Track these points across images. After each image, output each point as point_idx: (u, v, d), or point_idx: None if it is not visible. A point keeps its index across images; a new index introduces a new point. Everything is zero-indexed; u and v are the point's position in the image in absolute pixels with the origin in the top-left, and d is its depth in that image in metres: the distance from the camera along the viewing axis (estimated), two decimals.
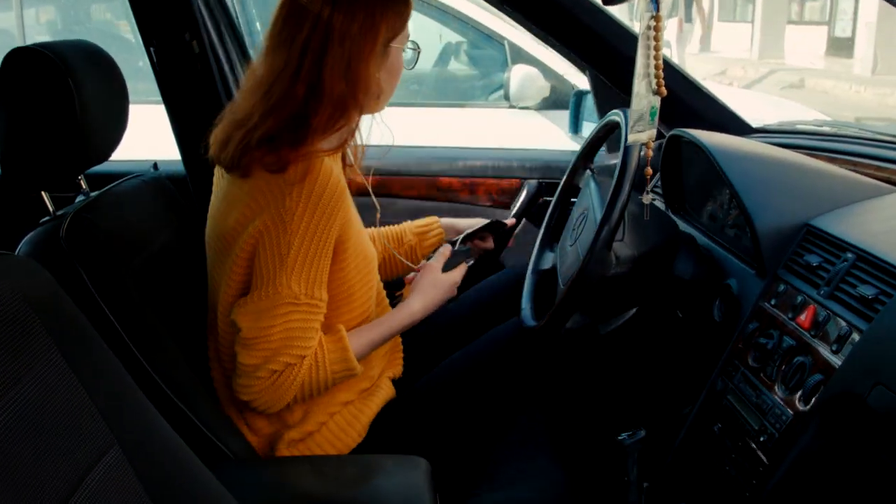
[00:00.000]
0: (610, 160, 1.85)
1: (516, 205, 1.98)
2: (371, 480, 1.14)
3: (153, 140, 1.89)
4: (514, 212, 1.96)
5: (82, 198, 1.27)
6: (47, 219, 1.18)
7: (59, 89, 1.10)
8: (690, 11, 10.87)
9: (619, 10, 1.54)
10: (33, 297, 0.79)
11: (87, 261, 1.11)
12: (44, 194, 1.21)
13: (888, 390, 0.84)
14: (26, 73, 1.11)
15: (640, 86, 1.08)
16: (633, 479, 1.14)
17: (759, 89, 9.49)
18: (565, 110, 2.24)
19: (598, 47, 1.67)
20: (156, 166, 1.57)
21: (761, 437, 1.05)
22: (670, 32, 10.22)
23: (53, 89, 1.10)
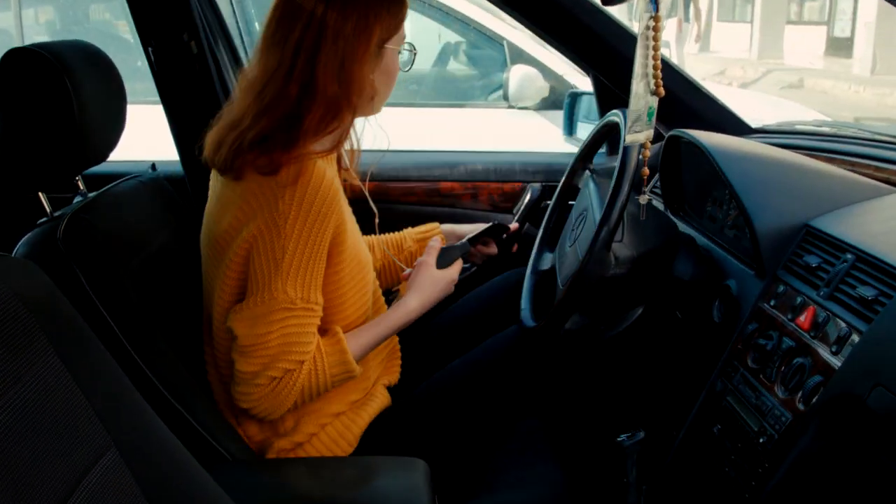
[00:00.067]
0: (609, 162, 1.85)
1: (520, 209, 1.95)
2: (369, 482, 1.14)
3: (151, 140, 1.89)
4: (517, 216, 1.94)
5: (80, 198, 1.27)
6: (45, 220, 1.18)
7: (56, 90, 1.10)
8: (688, 11, 10.87)
9: (618, 11, 1.54)
10: (30, 299, 0.79)
11: (85, 262, 1.11)
12: (41, 195, 1.21)
13: (888, 392, 0.84)
14: (23, 73, 1.10)
15: (638, 86, 1.08)
16: (633, 480, 1.14)
17: (758, 89, 9.49)
18: None
19: (600, 49, 1.67)
20: (154, 167, 1.57)
21: (761, 439, 1.05)
22: (669, 32, 10.23)
23: (51, 90, 1.10)
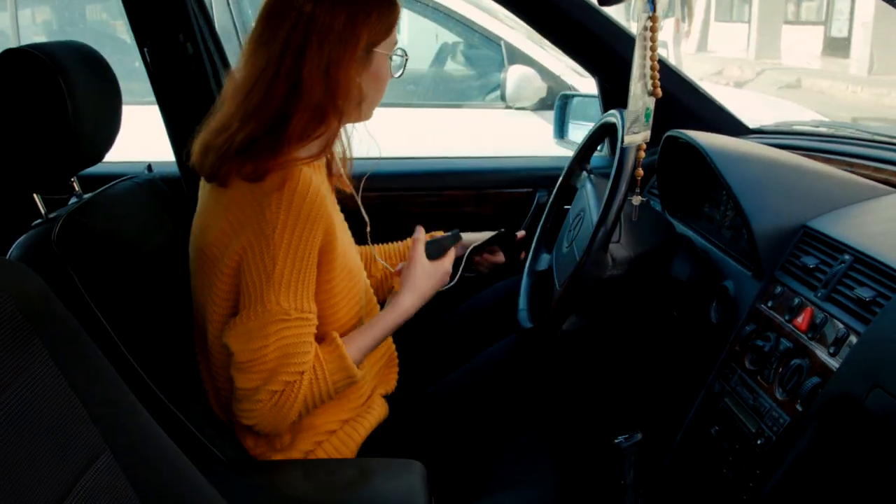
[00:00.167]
0: (607, 163, 1.84)
1: (528, 216, 1.90)
2: (366, 484, 1.14)
3: (148, 141, 1.88)
4: (525, 223, 1.89)
5: (75, 200, 1.26)
6: (39, 221, 1.17)
7: (50, 90, 1.09)
8: (684, 10, 10.89)
9: (615, 11, 1.53)
10: (24, 302, 0.78)
11: (80, 264, 1.10)
12: (36, 196, 1.20)
13: (886, 393, 0.84)
14: (18, 74, 1.10)
15: (636, 87, 1.07)
16: (630, 482, 1.14)
17: (755, 89, 9.50)
18: None
19: (602, 52, 1.67)
20: (150, 168, 1.56)
21: (758, 440, 1.04)
22: (666, 32, 10.23)
23: (45, 90, 1.09)
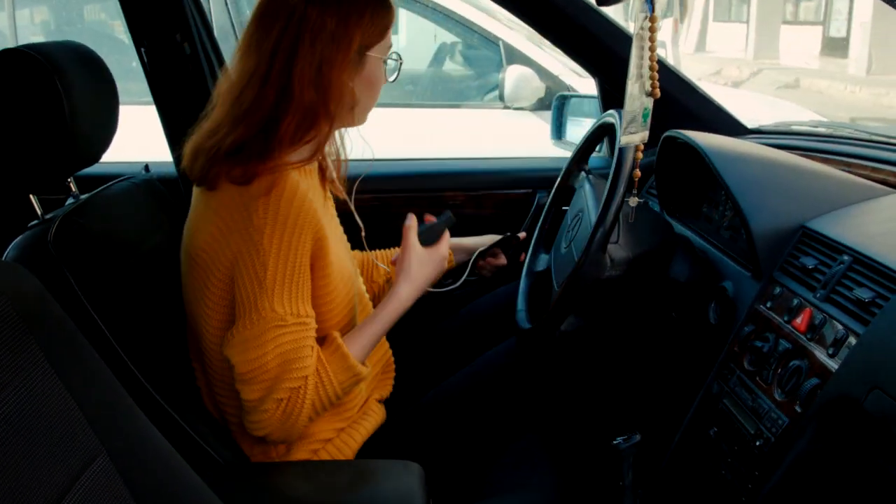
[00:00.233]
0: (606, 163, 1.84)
1: (528, 217, 1.90)
2: (364, 485, 1.13)
3: (145, 142, 1.87)
4: (525, 224, 1.89)
5: (72, 201, 1.25)
6: (35, 222, 1.16)
7: (47, 91, 1.09)
8: (681, 10, 10.90)
9: (613, 11, 1.53)
10: (20, 303, 0.78)
11: (76, 265, 1.09)
12: (32, 197, 1.20)
13: (885, 395, 0.83)
14: (14, 74, 1.09)
15: (633, 87, 1.07)
16: (629, 483, 1.13)
17: (753, 89, 9.51)
18: None
19: (602, 52, 1.66)
20: (147, 168, 1.56)
21: (757, 442, 1.04)
22: (665, 32, 10.23)
23: (41, 91, 1.09)
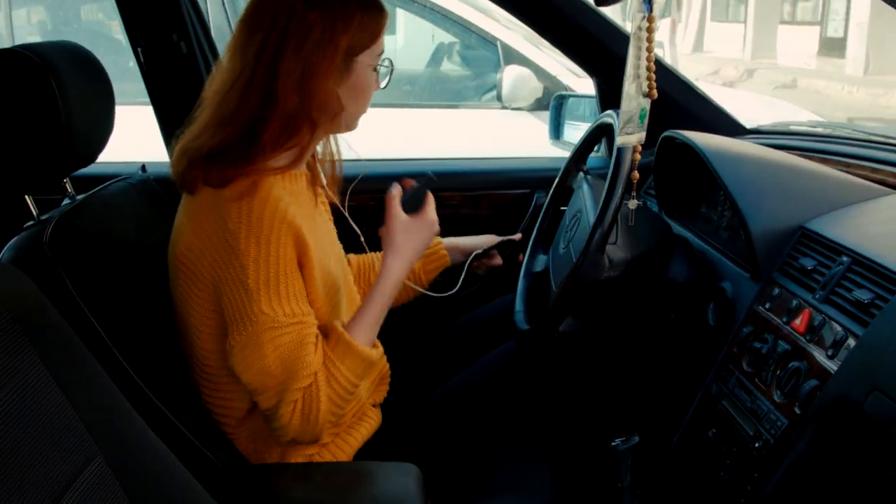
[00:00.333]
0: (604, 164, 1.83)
1: (527, 217, 1.89)
2: (361, 487, 1.13)
3: (142, 142, 1.87)
4: (523, 224, 1.88)
5: (68, 201, 1.25)
6: (31, 223, 1.16)
7: (42, 91, 1.08)
8: (681, 12, 10.92)
9: (611, 11, 1.53)
10: (15, 305, 0.78)
11: (72, 267, 1.09)
12: (28, 198, 1.19)
13: (885, 396, 0.83)
14: (8, 75, 1.09)
15: (630, 87, 1.07)
16: (627, 485, 1.13)
17: (751, 89, 9.52)
18: None
19: (601, 53, 1.66)
20: (144, 168, 1.55)
21: (756, 443, 1.04)
22: (663, 32, 10.25)
23: (37, 91, 1.08)
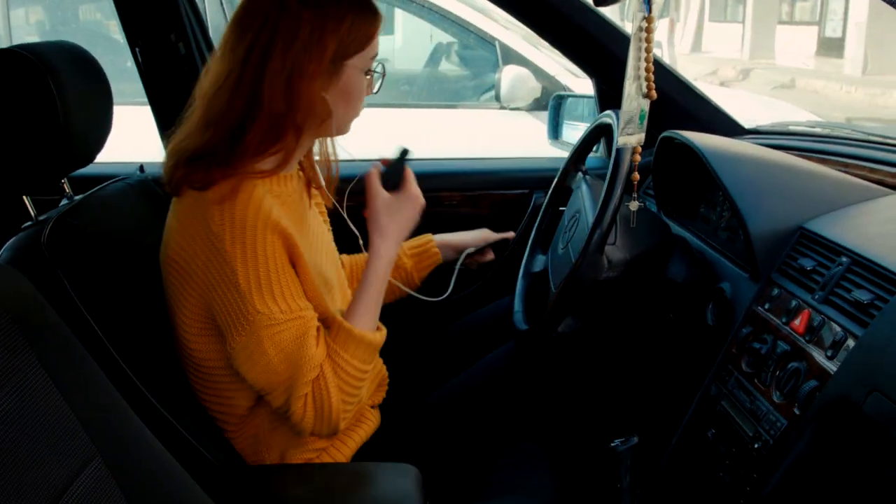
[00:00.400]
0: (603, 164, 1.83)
1: (525, 217, 1.89)
2: (360, 488, 1.13)
3: (140, 142, 1.87)
4: (522, 224, 1.87)
5: (66, 202, 1.25)
6: (29, 224, 1.15)
7: (40, 91, 1.08)
8: (679, 12, 10.93)
9: (610, 11, 1.53)
10: (13, 306, 0.77)
11: (70, 267, 1.08)
12: (25, 198, 1.19)
13: (884, 397, 0.83)
14: (6, 75, 1.09)
15: (630, 88, 1.07)
16: (626, 486, 1.13)
17: (749, 89, 9.53)
18: None
19: (600, 53, 1.66)
20: (142, 168, 1.55)
21: (756, 444, 1.04)
22: (661, 32, 10.26)
23: (34, 91, 1.08)
